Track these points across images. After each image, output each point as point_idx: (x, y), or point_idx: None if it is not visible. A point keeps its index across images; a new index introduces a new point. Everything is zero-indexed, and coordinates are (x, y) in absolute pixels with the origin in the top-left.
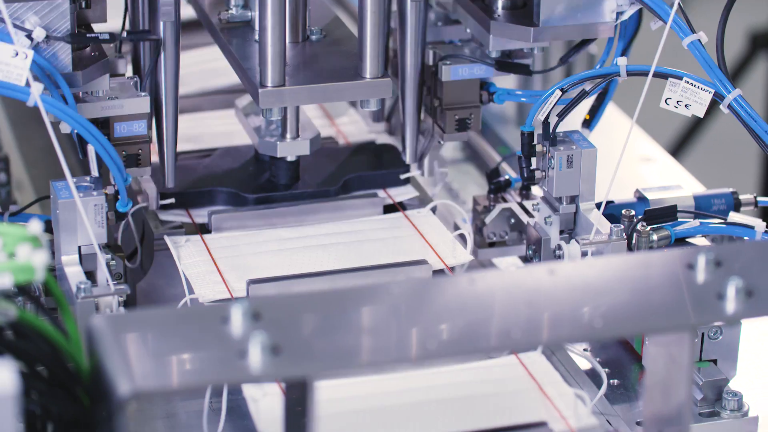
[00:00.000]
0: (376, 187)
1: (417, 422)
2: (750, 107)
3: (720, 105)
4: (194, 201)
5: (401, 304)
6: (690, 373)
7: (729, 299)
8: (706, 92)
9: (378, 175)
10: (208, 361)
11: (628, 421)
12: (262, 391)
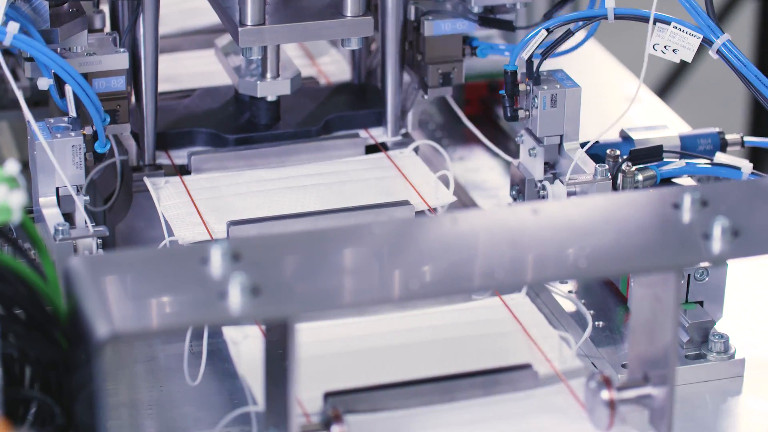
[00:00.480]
0: (357, 127)
1: (399, 365)
2: (739, 52)
3: (709, 50)
4: (173, 142)
5: (383, 244)
6: (676, 314)
7: (715, 239)
8: (694, 37)
9: (359, 115)
10: (187, 302)
11: (614, 364)
12: (242, 333)
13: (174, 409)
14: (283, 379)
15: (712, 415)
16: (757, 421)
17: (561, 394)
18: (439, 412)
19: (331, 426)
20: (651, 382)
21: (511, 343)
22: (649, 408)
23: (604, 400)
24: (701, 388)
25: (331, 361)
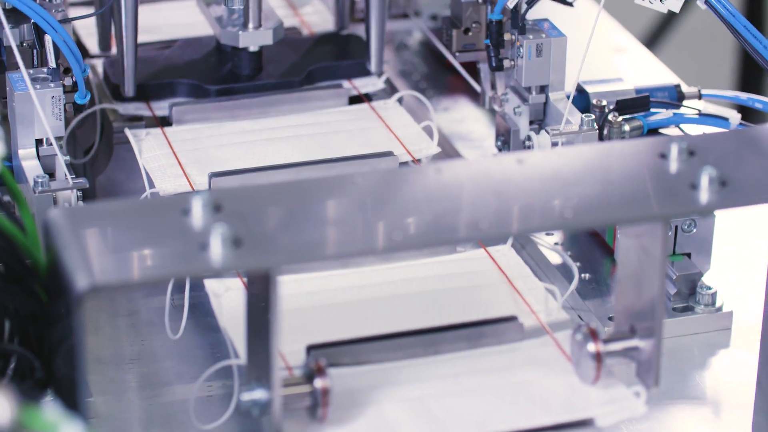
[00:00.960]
0: (340, 78)
1: (383, 317)
2: (728, 2)
3: (697, 0)
4: (155, 93)
5: (367, 195)
6: (663, 265)
7: (702, 189)
8: None
9: (343, 65)
10: (168, 254)
11: (600, 317)
12: (224, 286)
13: (155, 363)
14: (265, 332)
15: (700, 367)
16: (745, 373)
17: (547, 346)
18: (423, 365)
19: (314, 379)
20: (638, 334)
21: (497, 296)
22: (636, 361)
23: (590, 353)
24: (689, 341)
25: (313, 314)
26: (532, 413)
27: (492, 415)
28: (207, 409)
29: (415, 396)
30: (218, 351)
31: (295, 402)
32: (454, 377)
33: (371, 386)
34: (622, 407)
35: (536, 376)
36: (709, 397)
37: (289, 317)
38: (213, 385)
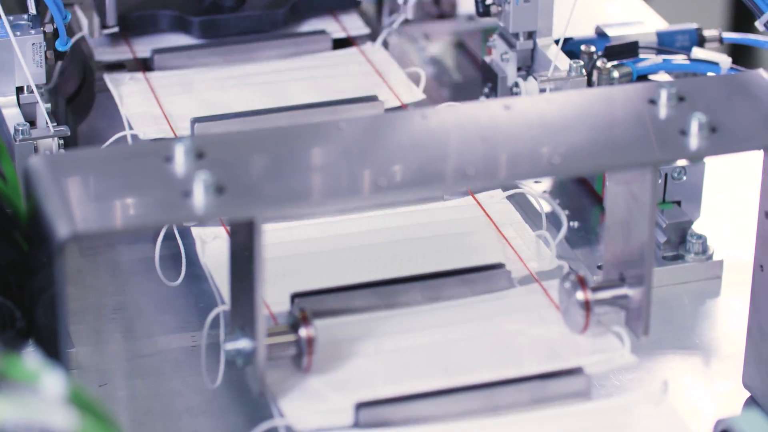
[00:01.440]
0: (326, 11)
1: (369, 265)
2: None
3: None
4: (136, 25)
5: (352, 141)
6: (653, 213)
7: (692, 135)
8: None
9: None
10: (150, 201)
11: (589, 265)
12: (211, 234)
13: (139, 313)
14: (249, 281)
15: (690, 316)
16: (735, 322)
17: (535, 294)
18: (409, 314)
19: (299, 328)
20: (627, 282)
21: (485, 244)
22: (626, 309)
23: (578, 301)
24: (679, 290)
25: (299, 263)
26: (519, 362)
27: (479, 364)
28: (192, 360)
29: (402, 345)
30: (202, 301)
31: (280, 351)
32: (441, 326)
33: (356, 336)
34: (610, 356)
35: (524, 324)
36: (699, 347)
37: (274, 266)
38: (198, 334)
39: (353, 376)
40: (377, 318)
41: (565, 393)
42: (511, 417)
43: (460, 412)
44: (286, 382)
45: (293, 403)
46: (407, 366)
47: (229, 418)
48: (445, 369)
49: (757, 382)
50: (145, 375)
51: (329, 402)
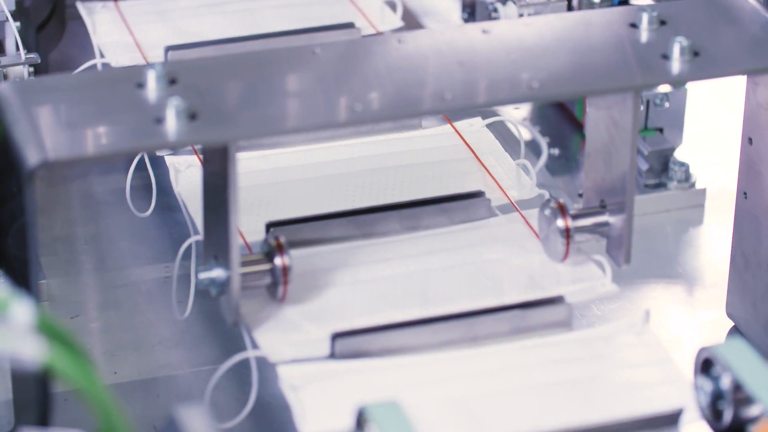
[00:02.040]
0: None
1: (346, 194)
2: None
3: None
4: None
5: (327, 67)
6: (634, 139)
7: (674, 59)
8: None
9: None
10: (121, 128)
11: (570, 193)
12: (185, 162)
13: (111, 244)
14: (223, 210)
15: (673, 245)
16: (718, 251)
17: (515, 223)
18: (386, 244)
19: (274, 257)
20: (608, 210)
21: (465, 172)
22: (607, 237)
23: (559, 229)
24: (661, 219)
25: (274, 192)
26: (499, 291)
27: (458, 294)
28: (165, 292)
29: (379, 275)
30: (176, 231)
31: (254, 280)
32: (419, 255)
33: (333, 266)
34: (592, 285)
35: (504, 253)
36: (682, 276)
37: (249, 194)
38: (171, 265)
39: (329, 306)
40: (354, 247)
41: (545, 323)
42: (490, 347)
43: (438, 342)
44: (260, 312)
45: (268, 334)
46: (385, 296)
47: (202, 350)
48: (423, 299)
49: (740, 312)
50: (117, 307)
51: (304, 332)
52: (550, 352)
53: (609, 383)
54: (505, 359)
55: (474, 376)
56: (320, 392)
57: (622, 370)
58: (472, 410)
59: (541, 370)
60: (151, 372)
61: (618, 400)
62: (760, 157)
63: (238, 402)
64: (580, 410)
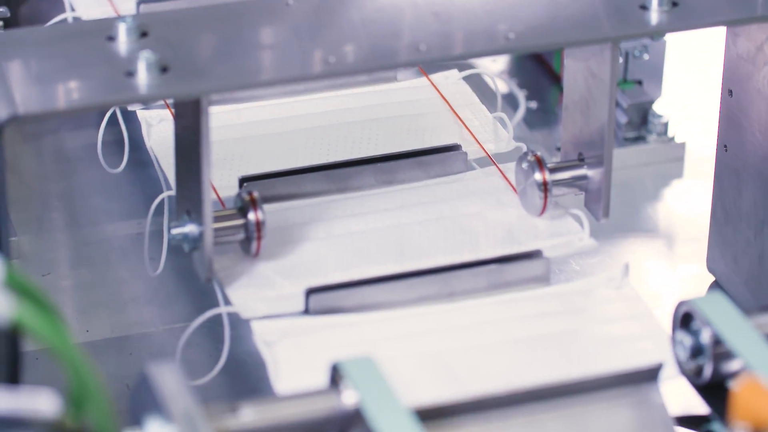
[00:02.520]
0: None
1: (321, 147)
2: None
3: None
4: None
5: (301, 19)
6: (612, 90)
7: (653, 10)
8: None
9: None
10: (92, 82)
11: (548, 147)
12: (157, 117)
13: (83, 200)
14: (196, 164)
15: (653, 199)
16: (698, 204)
17: (492, 177)
18: (361, 198)
19: (248, 212)
20: (586, 163)
21: (441, 125)
22: (585, 191)
23: (536, 182)
24: (641, 173)
25: (247, 146)
26: (476, 246)
27: (434, 248)
28: (138, 248)
29: (354, 230)
30: (148, 187)
31: (227, 235)
32: (395, 210)
33: (307, 220)
34: (570, 240)
35: (480, 207)
36: (662, 230)
37: (221, 149)
38: (144, 222)
39: (303, 261)
40: (329, 202)
41: (522, 277)
42: (467, 302)
43: (414, 297)
44: (233, 268)
45: (241, 290)
46: (359, 251)
47: (175, 307)
48: (399, 253)
49: (721, 266)
50: (89, 264)
51: (278, 288)
52: (527, 307)
53: (587, 338)
54: (481, 314)
55: (450, 331)
56: (294, 348)
57: (601, 325)
58: (448, 365)
59: (517, 324)
60: (123, 330)
61: (596, 355)
62: (740, 109)
63: (212, 359)
64: (558, 365)
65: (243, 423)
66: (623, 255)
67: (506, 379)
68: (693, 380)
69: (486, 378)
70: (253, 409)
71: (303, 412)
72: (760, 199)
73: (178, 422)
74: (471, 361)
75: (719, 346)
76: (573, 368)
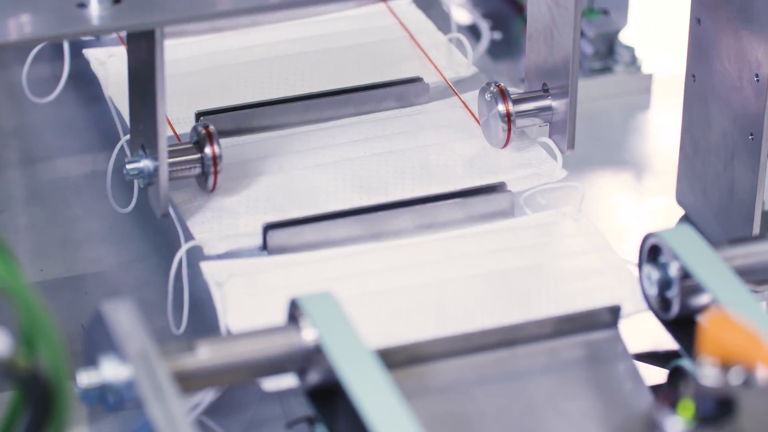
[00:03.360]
0: None
1: (280, 78)
2: None
3: None
4: None
5: None
6: (577, 18)
7: None
8: None
9: None
10: (43, 13)
11: (513, 79)
12: (107, 53)
13: (36, 136)
14: (151, 98)
15: (620, 131)
16: (666, 136)
17: (454, 108)
18: (321, 131)
19: (204, 146)
20: (551, 94)
21: (400, 54)
22: (549, 122)
23: (499, 113)
24: (607, 104)
25: (204, 79)
26: (438, 178)
27: (395, 181)
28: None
29: (313, 163)
30: (103, 123)
31: (183, 170)
32: (354, 143)
33: (266, 155)
34: (536, 172)
35: (443, 139)
36: (630, 163)
37: (177, 82)
38: (99, 158)
39: (262, 196)
40: (288, 135)
41: (486, 211)
42: (428, 237)
43: (376, 232)
44: (190, 203)
45: (197, 226)
46: (318, 186)
47: (131, 245)
48: (358, 187)
49: (690, 199)
50: (43, 202)
51: (236, 224)
52: (489, 240)
53: (549, 274)
54: (443, 247)
55: (411, 267)
56: (246, 287)
57: (562, 260)
58: (410, 301)
59: (478, 261)
60: (78, 269)
61: (556, 290)
62: (708, 38)
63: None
64: (520, 303)
65: (200, 361)
66: (590, 188)
67: (464, 315)
68: (661, 315)
69: (446, 313)
70: (211, 347)
71: (261, 350)
72: (729, 129)
73: (133, 362)
74: (432, 296)
75: (687, 280)
76: (534, 306)
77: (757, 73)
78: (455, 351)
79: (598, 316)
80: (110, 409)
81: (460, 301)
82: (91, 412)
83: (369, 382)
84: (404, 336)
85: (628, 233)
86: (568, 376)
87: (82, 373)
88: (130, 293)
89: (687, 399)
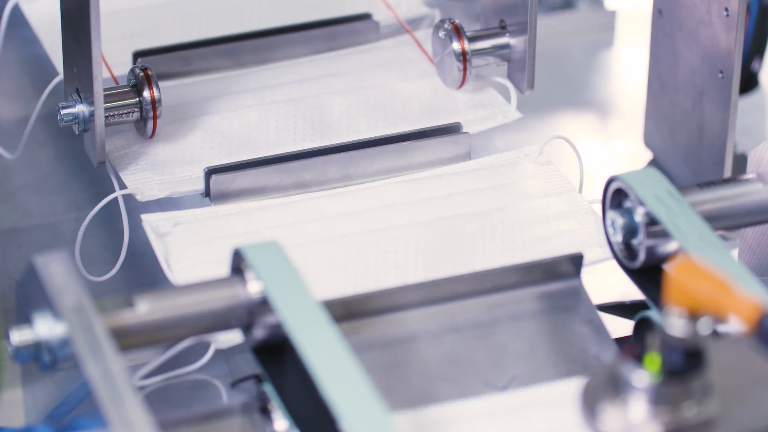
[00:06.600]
0: None
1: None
2: None
3: None
4: None
5: None
6: None
7: None
8: None
9: None
10: None
11: (469, 16)
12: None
13: None
14: (86, 38)
15: (583, 70)
16: (632, 75)
17: (406, 46)
18: (268, 71)
19: (142, 89)
20: (508, 31)
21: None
22: (508, 60)
23: (454, 52)
24: (569, 42)
25: (143, 18)
26: (390, 120)
27: (343, 123)
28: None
29: (258, 104)
30: (37, 66)
31: (121, 115)
32: (300, 82)
33: (207, 97)
34: (492, 113)
35: (395, 79)
36: (595, 104)
37: (114, 21)
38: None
39: (204, 140)
40: (230, 77)
41: (442, 155)
42: (381, 180)
43: (329, 178)
44: (128, 149)
45: (137, 174)
46: (266, 127)
47: (67, 194)
48: (309, 128)
49: (658, 141)
50: None
51: (177, 170)
52: (446, 184)
53: (504, 217)
54: (398, 191)
55: (366, 212)
56: (188, 238)
57: (520, 203)
58: (360, 251)
59: (433, 204)
60: (10, 221)
61: (514, 236)
62: None
63: (108, 251)
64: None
65: (140, 316)
66: (552, 130)
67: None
68: (626, 264)
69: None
70: (151, 301)
71: (203, 302)
72: (698, 66)
73: (67, 318)
74: (389, 241)
75: (653, 226)
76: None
77: (726, 7)
78: (407, 303)
79: (559, 265)
80: (45, 368)
81: (401, 251)
82: (25, 372)
83: (317, 337)
84: (344, 288)
85: (594, 178)
86: (526, 328)
87: (14, 331)
88: (65, 246)
89: (653, 351)
